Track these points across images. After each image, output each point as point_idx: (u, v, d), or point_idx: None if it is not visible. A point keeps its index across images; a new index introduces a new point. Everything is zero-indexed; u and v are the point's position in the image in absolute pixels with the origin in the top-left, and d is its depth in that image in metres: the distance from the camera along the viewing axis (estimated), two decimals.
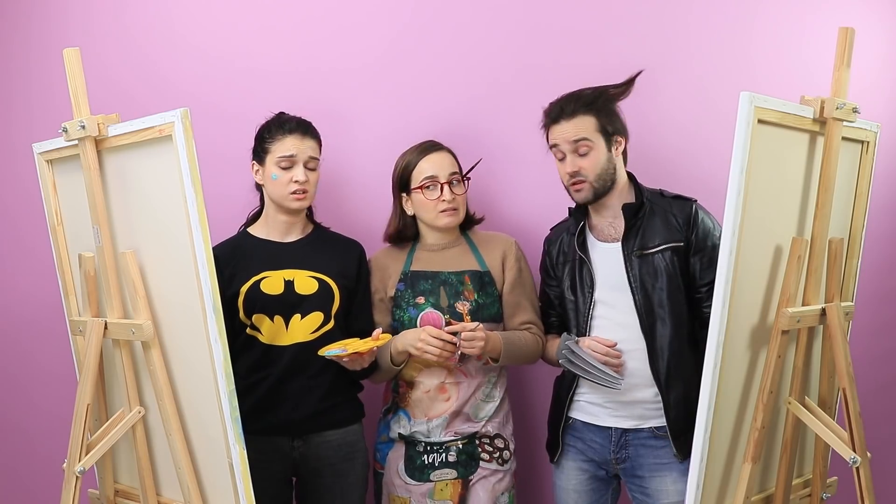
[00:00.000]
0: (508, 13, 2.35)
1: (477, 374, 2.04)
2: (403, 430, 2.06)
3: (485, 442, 2.05)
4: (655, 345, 1.90)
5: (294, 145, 2.03)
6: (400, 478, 2.06)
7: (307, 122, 2.09)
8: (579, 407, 2.01)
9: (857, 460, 1.64)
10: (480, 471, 2.04)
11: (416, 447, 2.05)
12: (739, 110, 1.56)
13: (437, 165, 2.05)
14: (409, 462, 2.05)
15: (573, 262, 2.01)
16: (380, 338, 1.94)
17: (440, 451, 2.03)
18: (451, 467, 2.03)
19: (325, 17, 2.41)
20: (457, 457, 2.03)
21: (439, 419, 2.02)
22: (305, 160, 2.04)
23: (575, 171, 1.93)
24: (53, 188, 1.96)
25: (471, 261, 2.09)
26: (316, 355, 1.96)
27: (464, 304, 2.02)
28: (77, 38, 2.41)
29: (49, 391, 2.53)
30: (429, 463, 2.03)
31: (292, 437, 2.04)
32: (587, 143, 1.92)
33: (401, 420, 2.07)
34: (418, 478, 2.04)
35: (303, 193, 2.04)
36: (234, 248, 2.10)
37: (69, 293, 1.96)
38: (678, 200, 1.97)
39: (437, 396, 2.03)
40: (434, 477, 2.03)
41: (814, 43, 2.26)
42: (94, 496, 1.98)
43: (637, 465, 1.95)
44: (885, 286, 2.34)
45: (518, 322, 2.08)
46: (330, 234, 2.18)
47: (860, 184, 1.89)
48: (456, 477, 2.03)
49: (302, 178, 2.02)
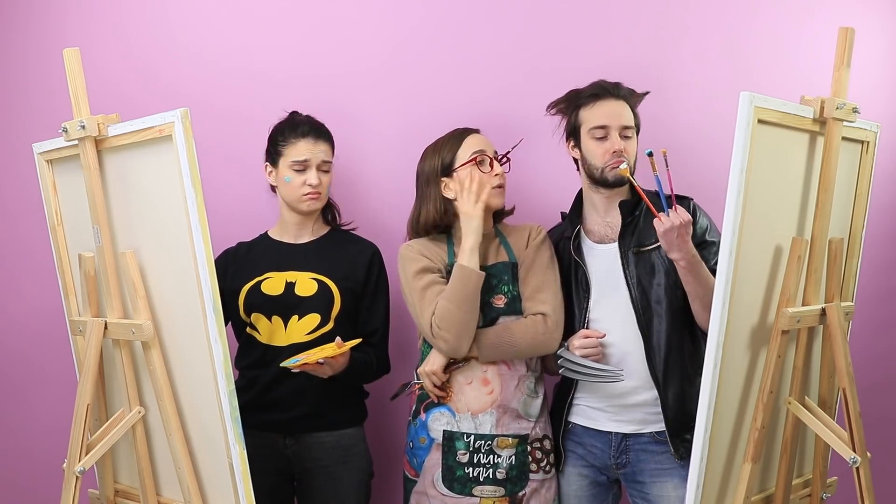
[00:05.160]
0: (514, 17, 2.35)
1: (519, 366, 1.96)
2: (449, 426, 1.94)
3: (536, 447, 1.95)
4: (652, 341, 1.89)
5: (307, 149, 2.04)
6: (436, 488, 1.94)
7: (320, 125, 2.09)
8: (579, 411, 2.00)
9: (857, 460, 1.64)
10: (531, 483, 1.94)
11: (456, 456, 1.93)
12: (739, 110, 1.56)
13: (482, 142, 2.01)
14: (447, 472, 1.93)
15: (568, 266, 2.00)
16: (343, 346, 1.91)
17: (488, 465, 1.91)
18: (498, 484, 1.92)
19: (326, 18, 2.41)
20: (507, 473, 1.91)
21: (485, 413, 1.93)
22: (318, 164, 2.05)
23: (619, 150, 1.92)
24: (53, 188, 1.96)
25: (503, 253, 2.03)
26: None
27: (500, 298, 1.97)
28: (77, 38, 2.41)
29: (49, 391, 2.53)
30: (473, 476, 1.92)
31: (284, 436, 2.05)
32: (632, 130, 1.95)
33: (443, 416, 1.96)
34: (458, 490, 1.92)
35: (316, 195, 2.05)
36: (249, 248, 2.15)
37: (69, 293, 1.96)
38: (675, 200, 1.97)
39: (481, 389, 1.94)
40: (478, 492, 1.91)
41: (813, 43, 2.27)
42: (94, 496, 1.98)
43: (638, 471, 1.94)
44: (884, 286, 2.34)
45: (528, 313, 1.96)
46: (343, 236, 2.17)
47: (860, 184, 1.89)
48: (503, 495, 1.92)
49: (315, 182, 2.04)
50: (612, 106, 1.95)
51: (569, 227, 2.04)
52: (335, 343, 1.92)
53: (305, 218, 2.12)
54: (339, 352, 1.90)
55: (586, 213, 2.04)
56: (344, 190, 2.30)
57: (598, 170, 1.94)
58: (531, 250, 2.00)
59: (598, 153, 1.94)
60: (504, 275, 1.98)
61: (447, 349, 1.92)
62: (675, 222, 1.76)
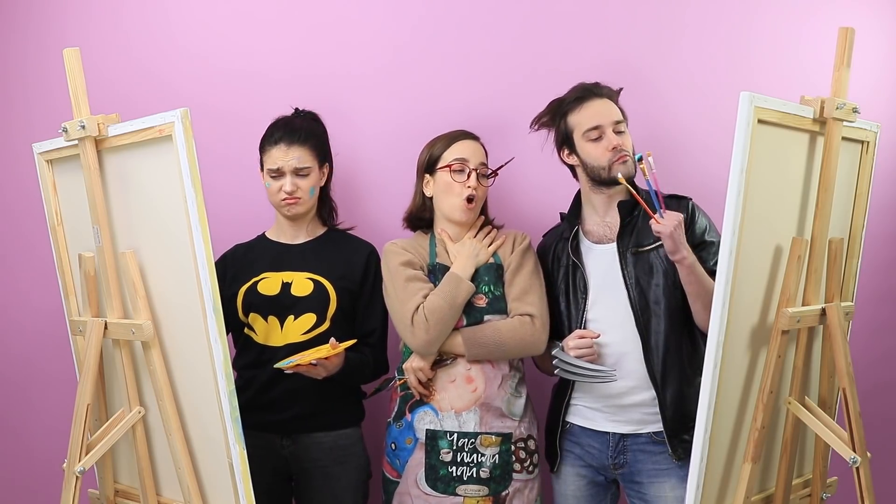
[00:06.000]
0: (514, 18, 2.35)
1: (502, 365, 1.97)
2: (432, 425, 1.95)
3: (520, 447, 1.96)
4: (650, 342, 1.89)
5: (279, 157, 2.04)
6: (419, 488, 1.95)
7: (296, 129, 2.07)
8: (576, 411, 2.00)
9: (857, 460, 1.64)
10: (514, 483, 1.94)
11: (440, 455, 1.94)
12: (739, 110, 1.56)
13: (469, 150, 2.03)
14: (430, 471, 1.94)
15: (566, 267, 2.00)
16: (337, 346, 1.90)
17: (472, 464, 1.92)
18: (482, 483, 1.92)
19: (326, 18, 2.41)
20: (490, 472, 1.92)
21: (469, 412, 1.94)
22: (291, 170, 2.04)
23: (618, 145, 1.93)
24: (53, 188, 1.96)
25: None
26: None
27: (480, 298, 1.97)
28: (76, 38, 2.40)
29: (49, 391, 2.53)
30: (456, 475, 1.93)
31: (281, 436, 2.05)
32: (624, 124, 1.96)
33: (426, 416, 1.96)
34: (442, 489, 1.93)
35: (293, 201, 2.05)
36: (247, 250, 2.16)
37: (69, 293, 1.96)
38: (673, 199, 1.97)
39: (465, 386, 1.96)
40: (461, 491, 1.92)
41: (813, 43, 2.27)
42: (94, 496, 1.98)
43: (635, 471, 1.94)
44: (885, 286, 2.34)
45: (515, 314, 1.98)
46: (341, 237, 2.17)
47: (860, 184, 1.89)
48: (487, 494, 1.93)
49: (289, 189, 2.04)
50: (599, 105, 1.96)
51: (567, 227, 2.04)
52: (329, 344, 1.92)
53: (297, 220, 2.12)
54: (333, 353, 1.90)
55: (585, 214, 2.04)
56: (342, 191, 2.29)
57: (603, 169, 1.93)
58: (517, 255, 2.03)
59: (598, 153, 1.94)
60: (486, 275, 2.00)
61: (422, 342, 1.92)
62: (672, 225, 1.78)
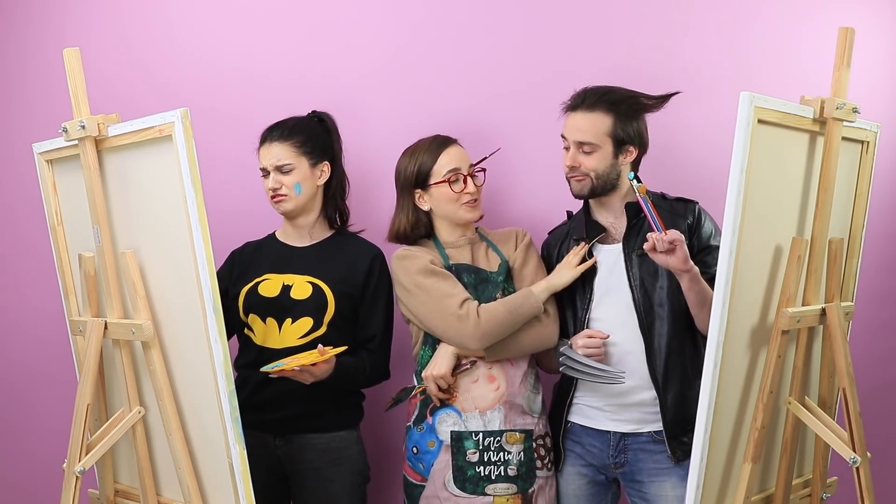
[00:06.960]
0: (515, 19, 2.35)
1: (521, 362, 1.99)
2: (456, 426, 1.95)
3: (540, 444, 1.98)
4: (653, 343, 1.90)
5: (264, 156, 2.07)
6: (448, 490, 1.94)
7: (276, 126, 2.09)
8: (578, 410, 2.00)
9: (857, 460, 1.64)
10: (538, 481, 1.96)
11: (466, 456, 1.94)
12: (739, 110, 1.56)
13: (457, 158, 2.03)
14: (457, 473, 1.94)
15: None
16: (325, 353, 1.89)
17: (499, 462, 1.93)
18: (510, 481, 1.93)
19: (326, 19, 2.41)
20: (517, 469, 1.94)
21: (493, 410, 1.95)
22: (273, 167, 2.05)
23: (574, 166, 1.94)
24: (53, 188, 1.96)
25: (493, 256, 2.06)
26: None
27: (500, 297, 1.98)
28: (77, 38, 2.41)
29: (49, 391, 2.53)
30: (485, 475, 1.93)
31: (275, 436, 2.05)
32: (592, 146, 1.91)
33: (449, 418, 1.96)
34: (471, 490, 1.93)
35: (280, 198, 2.05)
36: (255, 249, 2.16)
37: (69, 293, 1.96)
38: (680, 203, 1.97)
39: (487, 386, 1.96)
40: (490, 490, 1.93)
41: (813, 43, 2.26)
42: (94, 496, 1.98)
43: (636, 470, 1.94)
44: (885, 286, 2.34)
45: None
46: (346, 239, 2.15)
47: (860, 184, 1.89)
48: (516, 492, 1.93)
49: (273, 185, 2.05)
50: (573, 119, 1.95)
51: (575, 225, 2.05)
52: (317, 350, 1.90)
53: (295, 220, 2.11)
54: (321, 359, 1.88)
55: (596, 213, 2.04)
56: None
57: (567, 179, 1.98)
58: (521, 251, 2.05)
59: (564, 162, 1.96)
60: (500, 276, 2.02)
61: (471, 333, 1.91)
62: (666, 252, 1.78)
